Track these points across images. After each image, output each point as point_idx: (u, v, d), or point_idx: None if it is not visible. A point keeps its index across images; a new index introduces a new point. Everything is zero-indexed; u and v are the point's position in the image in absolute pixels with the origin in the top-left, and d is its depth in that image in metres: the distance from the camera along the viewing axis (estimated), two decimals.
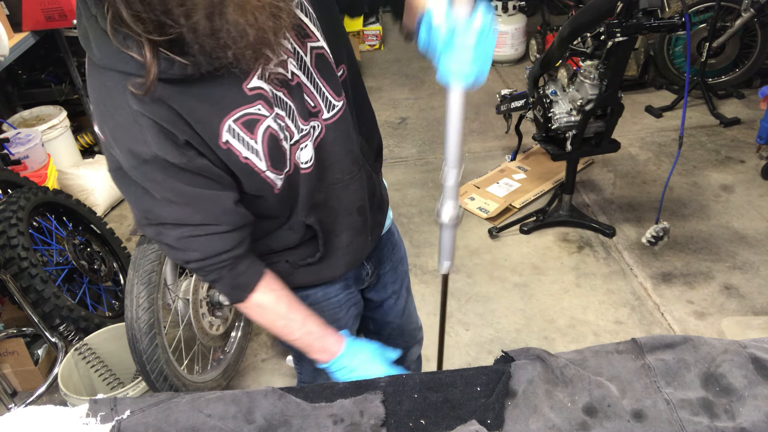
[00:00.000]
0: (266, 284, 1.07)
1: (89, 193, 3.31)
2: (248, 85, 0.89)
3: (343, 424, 0.94)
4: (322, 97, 1.00)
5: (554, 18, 4.59)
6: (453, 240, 1.15)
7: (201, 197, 0.92)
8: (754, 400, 0.92)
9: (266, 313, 1.09)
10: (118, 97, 0.82)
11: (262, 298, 1.06)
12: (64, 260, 2.51)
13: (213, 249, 0.98)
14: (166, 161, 0.86)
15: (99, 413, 0.97)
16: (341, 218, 1.15)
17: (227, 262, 1.00)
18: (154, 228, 0.96)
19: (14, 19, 3.08)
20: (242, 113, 0.89)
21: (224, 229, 0.97)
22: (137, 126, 0.83)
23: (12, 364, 2.37)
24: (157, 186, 0.89)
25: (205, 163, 0.90)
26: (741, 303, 2.48)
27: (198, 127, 0.87)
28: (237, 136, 0.90)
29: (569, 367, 0.98)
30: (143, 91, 0.79)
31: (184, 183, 0.90)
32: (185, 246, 0.97)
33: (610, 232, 2.90)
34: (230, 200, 0.95)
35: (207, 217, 0.95)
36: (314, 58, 0.96)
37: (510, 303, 2.60)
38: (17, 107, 3.62)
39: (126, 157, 0.87)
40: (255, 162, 0.93)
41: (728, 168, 3.30)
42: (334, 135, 1.04)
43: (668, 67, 3.93)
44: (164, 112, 0.84)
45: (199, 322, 2.08)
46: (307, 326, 1.10)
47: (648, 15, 2.33)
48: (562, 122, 2.66)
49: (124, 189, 0.93)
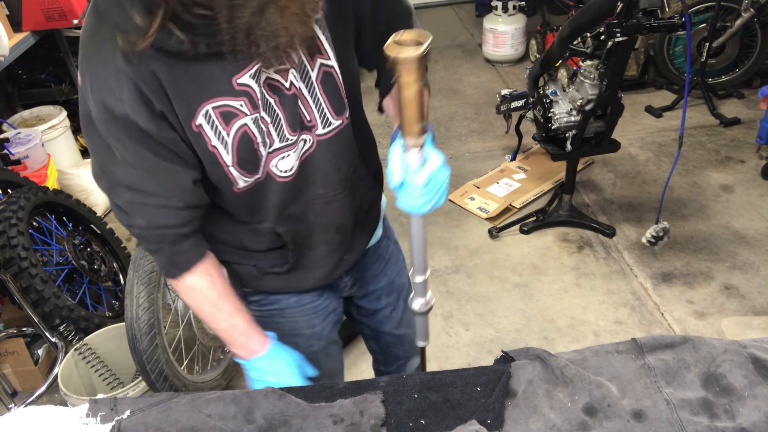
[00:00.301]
0: (204, 268, 1.06)
1: (89, 193, 3.31)
2: (238, 79, 0.89)
3: (343, 424, 0.94)
4: (320, 113, 1.00)
5: (554, 18, 4.60)
6: (426, 323, 1.28)
7: (160, 168, 0.92)
8: (754, 400, 0.92)
9: (196, 296, 1.08)
10: (107, 51, 0.83)
11: (196, 281, 1.06)
12: (64, 260, 2.51)
13: (159, 221, 0.98)
14: (136, 124, 0.87)
15: (99, 413, 0.97)
16: (317, 233, 1.14)
17: (170, 237, 1.00)
18: (108, 184, 0.96)
19: (14, 19, 3.08)
20: (223, 103, 0.90)
21: (175, 205, 0.97)
22: (117, 82, 0.84)
23: (12, 364, 2.37)
24: (120, 146, 0.90)
25: (174, 137, 0.91)
26: (741, 303, 2.48)
27: (176, 102, 0.88)
28: (211, 123, 0.91)
29: (569, 367, 0.98)
30: (130, 49, 0.80)
31: (147, 150, 0.90)
32: (133, 211, 0.97)
33: (610, 232, 2.90)
34: (189, 178, 0.96)
35: (161, 188, 0.95)
36: (321, 74, 0.97)
37: (510, 303, 2.60)
38: (17, 107, 3.62)
39: (98, 109, 0.87)
40: (221, 153, 0.94)
41: (728, 168, 3.30)
42: (325, 151, 1.04)
43: (668, 67, 3.93)
44: (148, 78, 0.85)
45: (199, 322, 2.08)
46: (234, 319, 1.10)
47: (648, 15, 2.33)
48: (562, 122, 2.66)
49: (89, 140, 0.93)
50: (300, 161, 1.03)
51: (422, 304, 1.21)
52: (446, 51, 5.07)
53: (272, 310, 1.28)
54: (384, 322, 1.47)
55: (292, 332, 1.31)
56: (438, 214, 3.19)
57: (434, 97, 4.39)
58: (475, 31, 5.35)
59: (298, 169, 1.03)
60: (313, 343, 1.35)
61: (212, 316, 1.10)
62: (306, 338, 1.33)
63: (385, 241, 1.38)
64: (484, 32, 4.70)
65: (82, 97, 0.90)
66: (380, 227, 1.34)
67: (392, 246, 1.42)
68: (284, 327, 1.30)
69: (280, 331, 1.30)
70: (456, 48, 5.12)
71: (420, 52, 0.78)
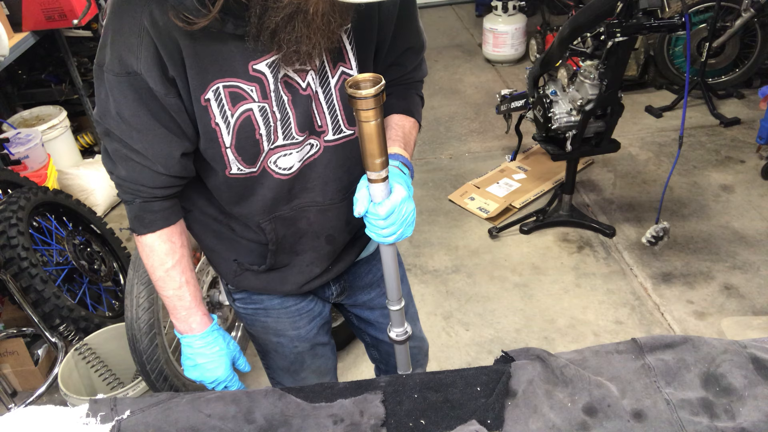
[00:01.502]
0: (169, 233, 1.07)
1: (89, 193, 3.31)
2: (254, 65, 0.91)
3: (343, 424, 0.94)
4: (333, 119, 1.01)
5: (554, 18, 4.59)
6: (406, 352, 1.29)
7: (155, 131, 0.94)
8: (754, 400, 0.92)
9: (153, 258, 1.08)
10: (136, 9, 0.86)
11: (156, 243, 1.07)
12: (64, 260, 2.51)
13: (136, 177, 1.00)
14: (145, 83, 0.89)
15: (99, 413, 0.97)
16: (307, 239, 1.15)
17: (144, 194, 1.02)
18: (103, 129, 0.98)
19: (14, 19, 3.08)
20: (234, 84, 0.92)
21: (157, 169, 0.98)
22: (138, 39, 0.86)
23: (12, 364, 2.37)
24: (123, 100, 0.91)
25: (179, 104, 0.93)
26: (741, 303, 2.48)
27: (191, 73, 0.89)
28: (219, 101, 0.92)
29: (569, 367, 0.98)
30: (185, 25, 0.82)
31: (147, 110, 0.92)
32: (117, 160, 0.99)
33: (610, 232, 2.90)
34: (179, 149, 0.97)
35: (149, 150, 0.96)
36: (341, 81, 0.98)
37: (510, 303, 2.60)
38: (17, 107, 3.62)
39: (113, 60, 0.89)
40: (222, 133, 0.95)
41: (728, 168, 3.30)
42: (330, 158, 1.05)
43: (668, 67, 3.93)
44: (169, 44, 0.87)
45: None
46: (181, 291, 1.10)
47: (648, 15, 2.33)
48: (562, 122, 2.66)
49: (96, 85, 0.95)
50: (303, 164, 1.03)
51: (399, 333, 1.22)
52: (446, 51, 5.07)
53: (256, 309, 1.28)
54: (381, 332, 1.45)
55: (276, 332, 1.31)
56: (438, 214, 3.20)
57: (434, 97, 4.39)
58: (475, 31, 5.35)
59: (299, 172, 1.04)
60: (297, 345, 1.35)
61: (162, 282, 1.10)
62: (290, 339, 1.33)
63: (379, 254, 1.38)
64: (484, 32, 4.70)
65: (101, 47, 0.92)
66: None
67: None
68: (269, 326, 1.30)
69: (265, 329, 1.31)
70: (456, 48, 5.12)
71: (376, 89, 0.85)
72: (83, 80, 3.61)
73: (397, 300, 1.17)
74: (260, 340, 1.37)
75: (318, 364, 1.42)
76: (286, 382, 1.43)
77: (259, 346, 1.40)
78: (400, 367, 1.31)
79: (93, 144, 3.92)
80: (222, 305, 2.17)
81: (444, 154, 3.74)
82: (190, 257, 1.11)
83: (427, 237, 3.03)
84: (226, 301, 2.13)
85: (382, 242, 1.03)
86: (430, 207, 3.25)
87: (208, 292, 2.14)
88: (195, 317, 1.13)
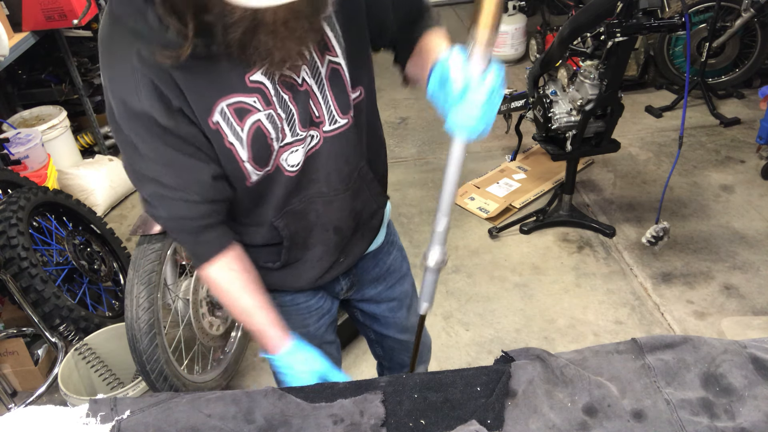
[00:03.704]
0: (226, 262, 1.07)
1: (89, 193, 3.31)
2: (251, 77, 0.91)
3: (343, 424, 0.94)
4: (327, 110, 1.01)
5: (554, 18, 4.59)
6: (435, 284, 1.16)
7: (179, 162, 0.95)
8: (754, 400, 0.92)
9: (216, 289, 1.10)
10: (123, 51, 0.86)
11: (216, 273, 1.08)
12: (64, 260, 2.51)
13: (179, 213, 1.00)
14: (154, 120, 0.89)
15: (99, 413, 0.97)
16: (316, 233, 1.15)
17: (191, 228, 1.03)
18: (135, 176, 0.99)
19: (14, 19, 3.08)
20: (236, 100, 0.92)
21: (193, 198, 0.99)
22: (134, 78, 0.87)
23: (12, 364, 2.37)
24: (141, 141, 0.92)
25: (194, 131, 0.93)
26: (741, 303, 2.48)
27: (192, 99, 0.90)
28: (227, 120, 0.92)
29: (569, 367, 0.98)
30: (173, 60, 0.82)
31: (166, 144, 0.92)
32: (156, 202, 1.00)
33: (610, 232, 2.90)
34: (208, 173, 0.97)
35: (180, 182, 0.97)
36: (329, 71, 0.98)
37: (510, 303, 2.60)
38: (17, 107, 3.62)
39: (118, 106, 0.90)
40: (238, 149, 0.96)
41: (728, 168, 3.30)
42: (329, 149, 1.05)
43: (668, 67, 3.93)
44: (163, 76, 0.87)
45: (199, 322, 2.08)
46: (251, 317, 1.11)
47: (648, 15, 2.33)
48: (562, 122, 2.66)
49: (115, 136, 0.96)
50: (306, 156, 1.04)
51: (438, 258, 1.09)
52: None
53: None
54: (386, 326, 1.46)
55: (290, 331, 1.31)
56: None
57: None
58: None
59: (304, 164, 1.04)
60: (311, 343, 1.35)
61: (233, 310, 1.12)
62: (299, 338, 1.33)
63: (387, 247, 1.37)
64: None
65: (105, 96, 0.93)
66: (382, 233, 1.33)
67: (395, 252, 1.40)
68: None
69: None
70: None
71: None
72: (83, 80, 3.61)
73: (447, 213, 1.03)
74: None
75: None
76: None
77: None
78: (425, 298, 1.18)
79: (93, 144, 3.92)
80: (222, 305, 2.17)
81: (444, 154, 3.73)
82: (256, 280, 1.11)
83: (427, 237, 3.02)
84: None
85: (465, 132, 0.92)
86: (430, 207, 3.25)
87: (208, 292, 2.14)
88: (270, 338, 1.12)
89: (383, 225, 1.32)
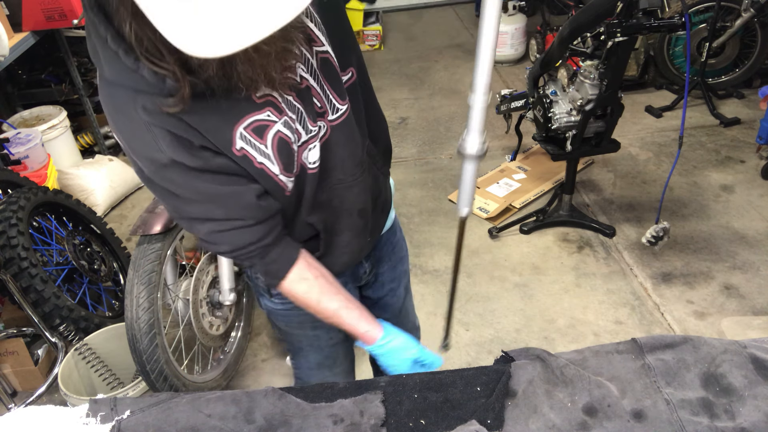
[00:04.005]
0: (299, 272, 1.09)
1: (89, 193, 3.31)
2: (257, 93, 0.91)
3: (343, 424, 0.94)
4: (327, 100, 1.01)
5: (554, 18, 4.59)
6: (474, 181, 1.05)
7: (221, 194, 0.95)
8: (754, 400, 0.92)
9: (298, 300, 1.13)
10: (129, 110, 0.86)
11: (294, 286, 1.10)
12: (64, 260, 2.51)
13: (241, 241, 1.01)
14: (183, 165, 0.90)
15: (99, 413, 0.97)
16: (342, 219, 1.16)
17: (257, 251, 1.04)
18: (186, 222, 1.00)
19: (14, 19, 3.08)
20: (251, 120, 0.92)
21: (249, 223, 1.00)
22: (150, 134, 0.87)
23: (12, 364, 2.37)
24: (178, 188, 0.93)
25: (223, 162, 0.93)
26: (741, 303, 2.48)
27: (209, 135, 0.90)
28: (249, 143, 0.93)
29: (569, 367, 0.98)
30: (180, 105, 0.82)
31: (204, 182, 0.93)
32: (215, 239, 1.01)
33: (610, 232, 2.90)
34: (252, 195, 0.98)
35: (230, 212, 0.98)
36: (319, 61, 0.98)
37: (510, 303, 2.60)
38: (17, 107, 3.62)
39: (145, 163, 0.90)
40: (269, 166, 0.96)
41: (728, 168, 3.30)
42: (338, 137, 1.05)
43: (668, 67, 3.93)
44: (175, 123, 0.87)
45: (199, 322, 2.08)
46: (341, 320, 1.14)
47: (648, 15, 2.33)
48: (562, 122, 2.66)
49: (152, 190, 0.97)
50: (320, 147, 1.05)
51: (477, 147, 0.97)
52: (446, 51, 5.07)
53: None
54: (385, 308, 1.49)
55: (314, 324, 1.33)
56: (438, 214, 3.20)
57: (434, 97, 4.40)
58: (475, 31, 5.31)
59: (320, 157, 1.05)
60: (333, 335, 1.38)
61: (319, 314, 1.14)
62: (327, 330, 1.36)
63: (393, 226, 1.41)
64: None
65: (128, 156, 0.93)
66: (392, 209, 1.37)
67: (398, 232, 1.45)
68: (306, 319, 1.32)
69: (302, 324, 1.33)
70: (456, 48, 5.12)
71: None
72: (83, 80, 3.61)
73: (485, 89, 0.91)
74: (295, 337, 1.39)
75: (346, 365, 1.48)
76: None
77: (291, 345, 1.42)
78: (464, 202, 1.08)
79: (93, 144, 3.92)
80: (222, 305, 2.17)
81: (444, 154, 3.74)
82: (331, 282, 1.14)
83: (427, 237, 3.03)
84: (226, 301, 2.13)
85: None
86: (430, 207, 3.25)
87: (208, 292, 2.14)
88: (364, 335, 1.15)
89: (391, 197, 1.34)
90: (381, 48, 5.28)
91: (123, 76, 0.83)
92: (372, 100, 1.18)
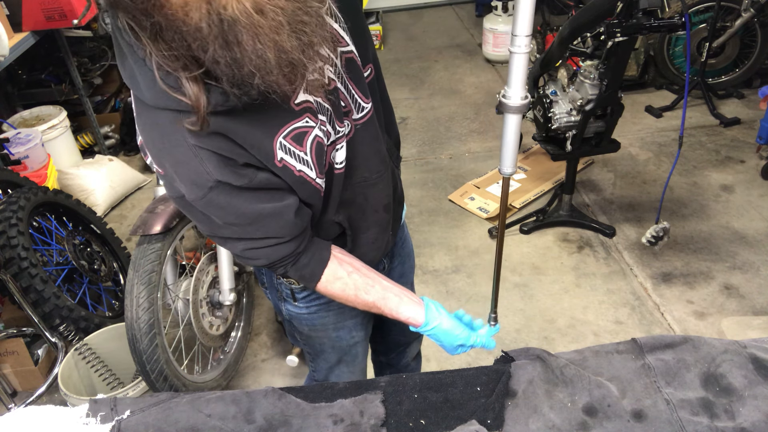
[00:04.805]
0: (332, 272, 1.10)
1: (89, 193, 3.31)
2: (296, 101, 0.91)
3: (343, 424, 0.94)
4: (352, 99, 1.02)
5: (554, 18, 4.59)
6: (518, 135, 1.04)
7: (263, 215, 0.95)
8: (754, 400, 0.92)
9: (336, 298, 1.14)
10: (174, 134, 0.85)
11: (329, 286, 1.11)
12: (64, 260, 2.51)
13: (277, 256, 1.03)
14: (229, 185, 0.89)
15: (99, 413, 0.97)
16: (368, 215, 1.17)
17: (291, 261, 1.06)
18: (221, 241, 1.01)
19: (14, 19, 3.08)
20: (291, 128, 0.92)
21: (285, 240, 1.01)
22: (197, 159, 0.86)
23: (12, 364, 2.37)
24: (221, 212, 0.93)
25: (266, 177, 0.93)
26: (741, 303, 2.48)
27: (254, 150, 0.89)
28: (289, 151, 0.93)
29: (569, 367, 0.98)
30: (198, 127, 0.81)
31: (247, 202, 0.93)
32: (251, 256, 1.02)
33: (610, 232, 2.90)
34: (291, 213, 0.98)
35: (269, 231, 0.98)
36: (344, 62, 0.99)
37: (510, 303, 2.60)
38: (17, 107, 3.62)
39: (190, 188, 0.89)
40: (307, 172, 0.96)
41: (728, 168, 3.30)
42: (363, 135, 1.06)
43: (668, 67, 3.93)
44: (221, 143, 0.86)
45: (199, 322, 2.08)
46: (382, 310, 1.14)
47: (648, 15, 2.33)
48: (562, 122, 2.66)
49: (189, 214, 0.97)
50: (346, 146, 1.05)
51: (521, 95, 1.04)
52: (446, 51, 5.07)
53: (320, 304, 1.30)
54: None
55: (336, 325, 1.34)
56: (438, 214, 3.20)
57: (434, 97, 4.39)
58: (475, 31, 5.35)
59: (346, 156, 1.05)
60: (354, 334, 1.39)
61: (358, 307, 1.15)
62: (349, 330, 1.36)
63: (402, 221, 1.42)
64: (484, 32, 4.70)
65: (168, 182, 0.92)
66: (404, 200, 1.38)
67: (406, 227, 1.46)
68: (328, 321, 1.33)
69: (325, 325, 1.34)
70: (456, 48, 5.12)
71: None
72: (83, 80, 3.61)
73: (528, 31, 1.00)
74: (317, 340, 1.39)
75: (363, 363, 1.49)
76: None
77: (312, 348, 1.43)
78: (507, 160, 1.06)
79: (93, 144, 3.92)
80: (222, 305, 2.17)
81: (444, 154, 3.74)
82: (366, 274, 1.14)
83: (427, 237, 3.03)
84: (226, 301, 2.13)
85: None
86: (430, 207, 3.25)
87: (208, 292, 2.14)
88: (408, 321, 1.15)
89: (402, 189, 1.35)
90: (381, 48, 5.28)
91: (164, 98, 0.81)
92: (384, 92, 1.19)
